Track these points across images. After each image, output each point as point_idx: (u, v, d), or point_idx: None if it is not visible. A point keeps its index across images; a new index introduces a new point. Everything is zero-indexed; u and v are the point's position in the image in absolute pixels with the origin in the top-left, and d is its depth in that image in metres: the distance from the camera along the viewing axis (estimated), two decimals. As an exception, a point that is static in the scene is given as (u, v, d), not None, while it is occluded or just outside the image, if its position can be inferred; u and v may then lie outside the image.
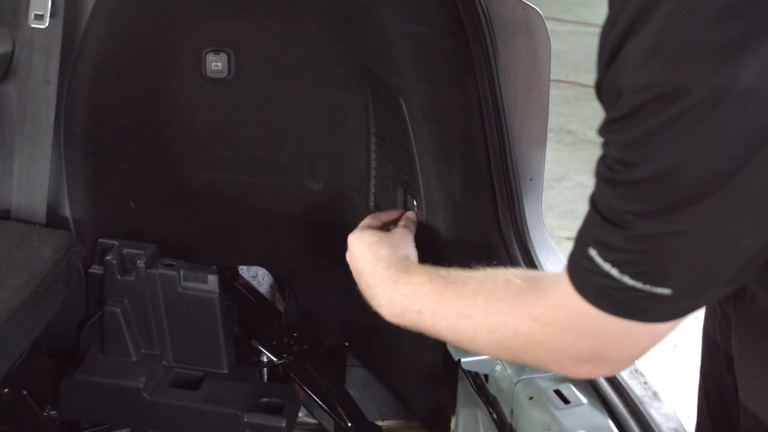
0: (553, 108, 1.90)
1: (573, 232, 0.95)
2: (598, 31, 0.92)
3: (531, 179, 1.85)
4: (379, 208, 1.98)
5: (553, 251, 1.89)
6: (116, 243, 1.85)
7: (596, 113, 0.88)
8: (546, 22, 1.80)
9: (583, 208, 0.94)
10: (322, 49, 1.90)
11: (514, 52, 1.80)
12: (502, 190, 1.75)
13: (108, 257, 1.82)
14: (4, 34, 1.79)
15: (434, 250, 1.82)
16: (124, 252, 1.84)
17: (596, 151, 0.85)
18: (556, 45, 1.87)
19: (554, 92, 1.95)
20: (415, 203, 1.82)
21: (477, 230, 1.76)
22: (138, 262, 1.81)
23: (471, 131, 1.71)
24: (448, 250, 1.78)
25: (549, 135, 1.87)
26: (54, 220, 1.83)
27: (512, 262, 1.75)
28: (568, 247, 0.96)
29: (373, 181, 1.98)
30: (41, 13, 1.65)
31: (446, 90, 1.69)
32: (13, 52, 1.76)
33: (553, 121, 1.91)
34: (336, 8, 1.77)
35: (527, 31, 1.79)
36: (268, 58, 1.93)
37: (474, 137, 1.72)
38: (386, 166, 1.94)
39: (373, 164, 1.97)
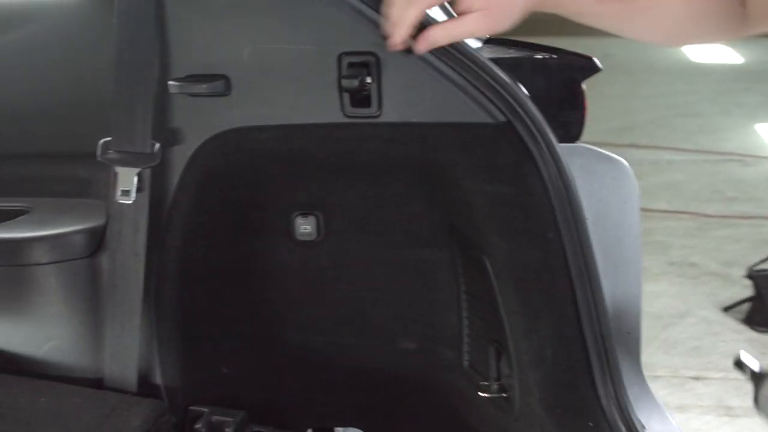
0: (674, 240, 1.86)
1: (699, 371, 0.87)
2: (718, 159, 0.87)
3: (628, 333, 1.79)
4: (473, 367, 1.93)
5: (658, 409, 1.80)
6: (206, 410, 1.85)
7: (719, 244, 0.82)
8: (664, 154, 1.77)
9: (708, 344, 0.87)
10: (408, 208, 1.90)
11: (603, 203, 1.76)
12: (597, 347, 1.69)
13: (197, 425, 1.82)
14: (100, 207, 1.86)
15: (528, 413, 1.76)
16: (213, 419, 1.83)
17: (721, 284, 0.79)
18: (674, 175, 1.84)
19: (675, 224, 1.91)
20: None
21: (570, 391, 1.69)
22: (227, 430, 1.80)
23: (557, 288, 1.66)
24: (541, 413, 1.71)
25: (670, 269, 1.82)
26: (145, 388, 1.84)
27: (609, 425, 1.67)
28: (695, 387, 0.89)
29: (465, 339, 1.94)
30: (128, 189, 1.70)
31: (528, 248, 1.66)
32: (106, 224, 1.82)
33: (674, 254, 1.86)
34: (418, 170, 1.77)
35: (614, 182, 1.76)
36: (355, 219, 1.94)
37: (561, 294, 1.66)
38: (478, 324, 1.90)
39: (465, 321, 1.93)
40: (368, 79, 1.61)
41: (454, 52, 1.60)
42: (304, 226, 1.94)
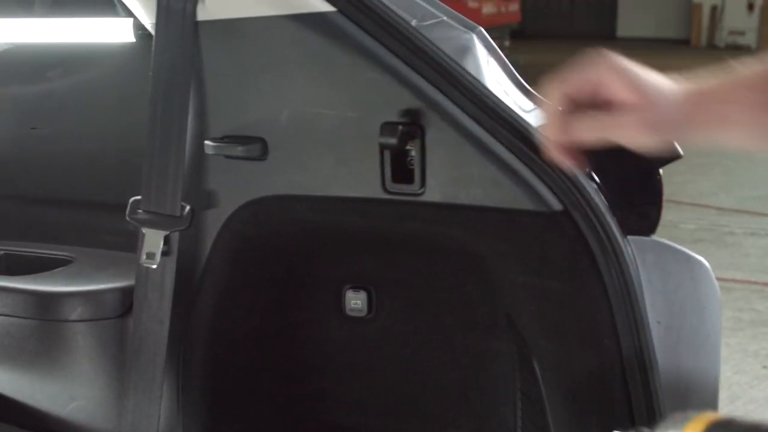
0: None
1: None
2: None
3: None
4: (524, 472, 1.74)
5: None
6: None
7: None
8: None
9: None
10: (464, 292, 1.73)
11: (678, 306, 1.55)
12: None
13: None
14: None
15: None
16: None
17: None
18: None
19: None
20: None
21: None
22: None
23: (612, 403, 1.46)
24: None
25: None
26: (166, 461, 1.73)
27: None
28: None
29: (518, 440, 1.75)
30: (153, 251, 1.59)
31: (580, 354, 1.46)
32: (136, 286, 1.72)
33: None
34: (462, 254, 1.60)
35: (691, 284, 1.55)
36: (409, 297, 1.78)
37: (616, 410, 1.46)
38: (530, 426, 1.70)
39: (519, 422, 1.74)
40: (411, 152, 1.46)
41: (507, 127, 1.43)
42: (355, 301, 1.79)
